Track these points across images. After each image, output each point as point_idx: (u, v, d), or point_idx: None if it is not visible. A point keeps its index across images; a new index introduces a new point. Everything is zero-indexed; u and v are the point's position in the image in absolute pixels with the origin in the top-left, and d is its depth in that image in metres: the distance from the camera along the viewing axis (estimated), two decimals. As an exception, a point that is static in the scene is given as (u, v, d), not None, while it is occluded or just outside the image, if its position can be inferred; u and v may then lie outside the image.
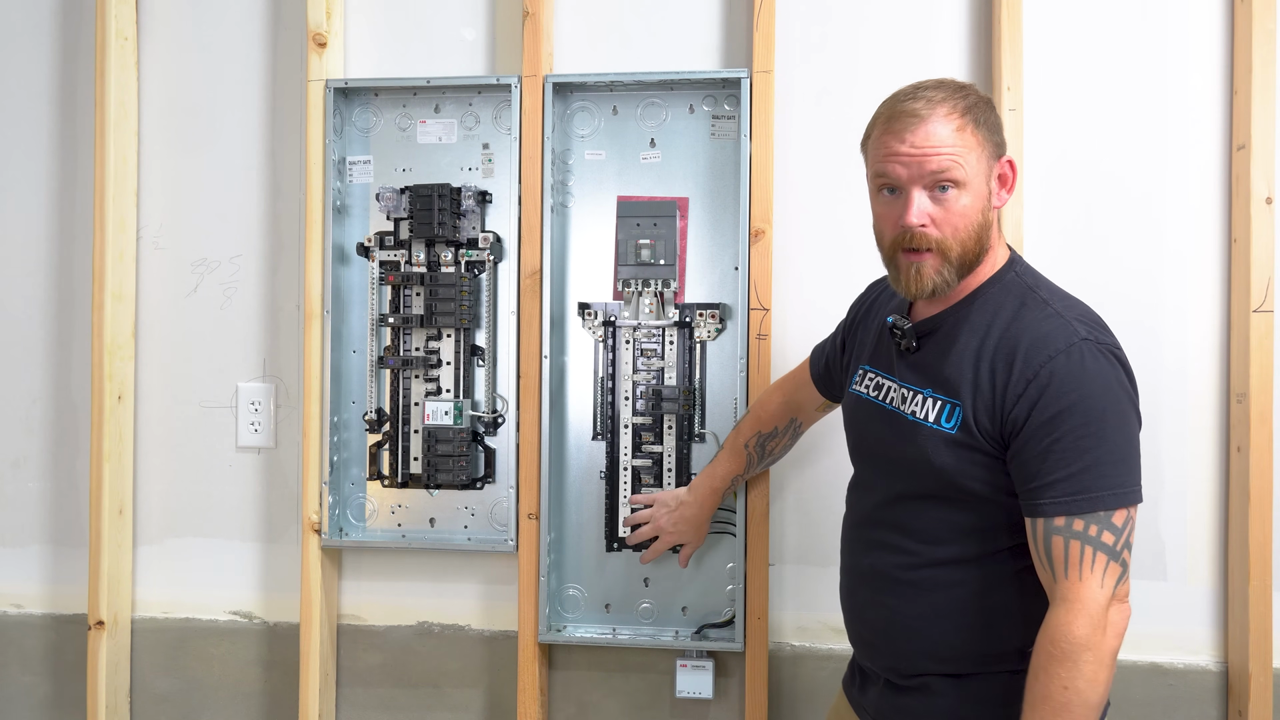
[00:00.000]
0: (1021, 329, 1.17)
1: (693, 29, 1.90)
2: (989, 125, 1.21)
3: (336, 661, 1.97)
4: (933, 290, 1.20)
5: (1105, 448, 1.12)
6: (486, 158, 1.93)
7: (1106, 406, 1.13)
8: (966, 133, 1.18)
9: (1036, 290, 1.22)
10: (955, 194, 1.17)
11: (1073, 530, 1.11)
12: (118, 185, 1.95)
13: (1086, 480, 1.11)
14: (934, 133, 1.16)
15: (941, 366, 1.23)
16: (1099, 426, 1.12)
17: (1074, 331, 1.15)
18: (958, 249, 1.18)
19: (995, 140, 1.22)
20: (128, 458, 1.98)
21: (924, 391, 1.23)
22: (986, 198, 1.20)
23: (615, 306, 1.88)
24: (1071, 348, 1.14)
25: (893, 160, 1.19)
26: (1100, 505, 1.11)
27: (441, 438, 1.88)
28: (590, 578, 1.90)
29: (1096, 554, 1.11)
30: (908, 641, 1.26)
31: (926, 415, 1.22)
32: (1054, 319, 1.17)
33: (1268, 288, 1.72)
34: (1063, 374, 1.13)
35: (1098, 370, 1.13)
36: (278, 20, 2.00)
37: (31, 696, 2.05)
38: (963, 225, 1.18)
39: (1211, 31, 1.80)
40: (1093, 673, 1.10)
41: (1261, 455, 1.71)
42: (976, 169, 1.18)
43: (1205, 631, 1.79)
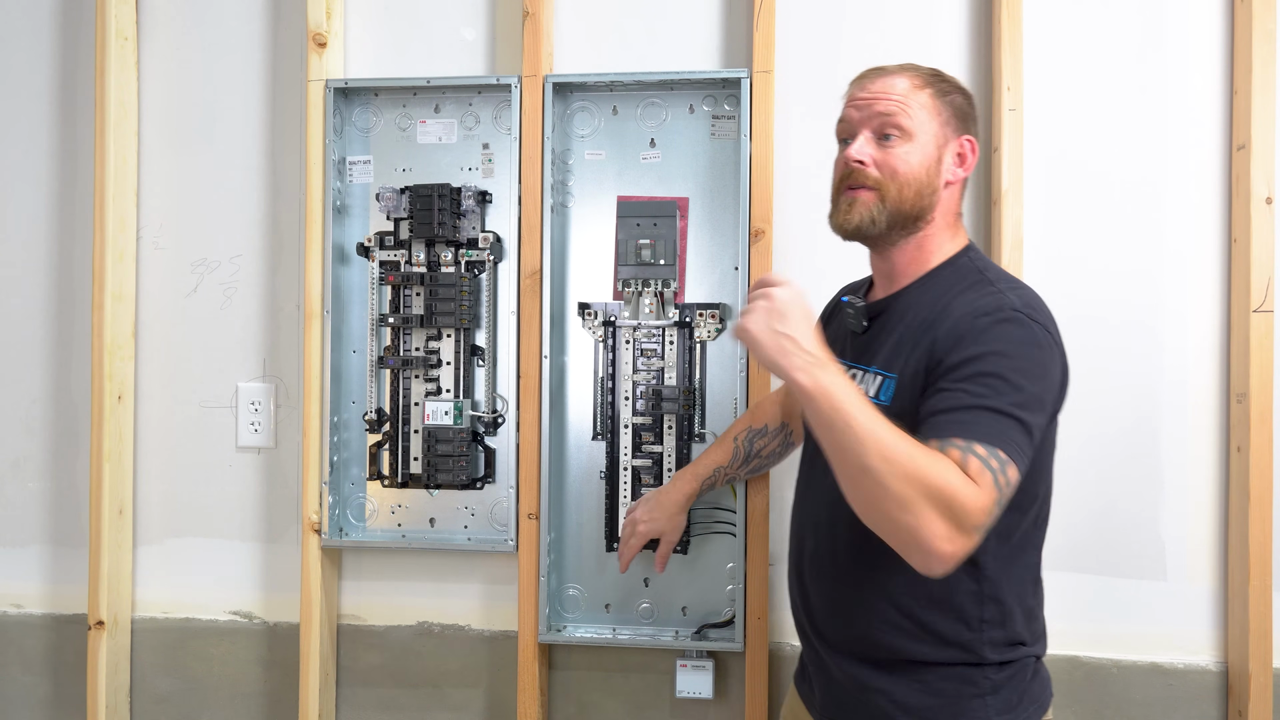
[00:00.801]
0: (962, 303, 1.19)
1: (693, 29, 1.90)
2: (953, 103, 1.28)
3: (336, 661, 1.97)
4: (857, 225, 1.24)
5: (1006, 400, 1.08)
6: (486, 158, 1.93)
7: (1015, 367, 1.10)
8: (923, 93, 1.25)
9: (985, 272, 1.25)
10: (899, 143, 1.23)
11: (974, 451, 1.04)
12: (118, 185, 1.95)
13: (983, 418, 1.07)
14: (891, 82, 1.25)
15: (885, 344, 1.25)
16: (1002, 382, 1.09)
17: (1008, 301, 1.17)
18: (894, 192, 1.23)
19: (958, 117, 1.28)
20: (128, 458, 1.98)
21: (869, 370, 1.25)
22: (935, 161, 1.25)
23: (615, 306, 1.88)
24: (1000, 311, 1.15)
25: (850, 104, 1.28)
26: (998, 444, 1.05)
27: (441, 438, 1.88)
28: (590, 578, 1.90)
29: (994, 487, 1.03)
30: (843, 627, 1.26)
31: (868, 391, 1.23)
32: (994, 295, 1.19)
33: (1268, 288, 1.72)
34: (982, 328, 1.13)
35: (1020, 335, 1.13)
36: (278, 20, 2.00)
37: (31, 696, 2.05)
38: (902, 171, 1.23)
39: (1211, 31, 1.80)
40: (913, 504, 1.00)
41: (1261, 455, 1.71)
42: (926, 127, 1.24)
43: (1205, 631, 1.79)
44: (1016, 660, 1.23)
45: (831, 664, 1.29)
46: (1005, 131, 1.75)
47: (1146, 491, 1.80)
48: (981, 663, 1.21)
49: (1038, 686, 1.27)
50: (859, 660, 1.25)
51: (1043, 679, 1.28)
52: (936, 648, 1.21)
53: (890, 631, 1.22)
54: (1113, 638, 1.81)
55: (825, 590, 1.29)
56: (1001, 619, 1.21)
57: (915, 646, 1.22)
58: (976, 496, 1.01)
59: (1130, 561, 1.80)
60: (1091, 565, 1.80)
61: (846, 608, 1.26)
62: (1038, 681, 1.27)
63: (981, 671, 1.21)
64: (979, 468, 1.03)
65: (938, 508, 1.00)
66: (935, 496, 1.00)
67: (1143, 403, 1.80)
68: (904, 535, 1.02)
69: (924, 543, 1.01)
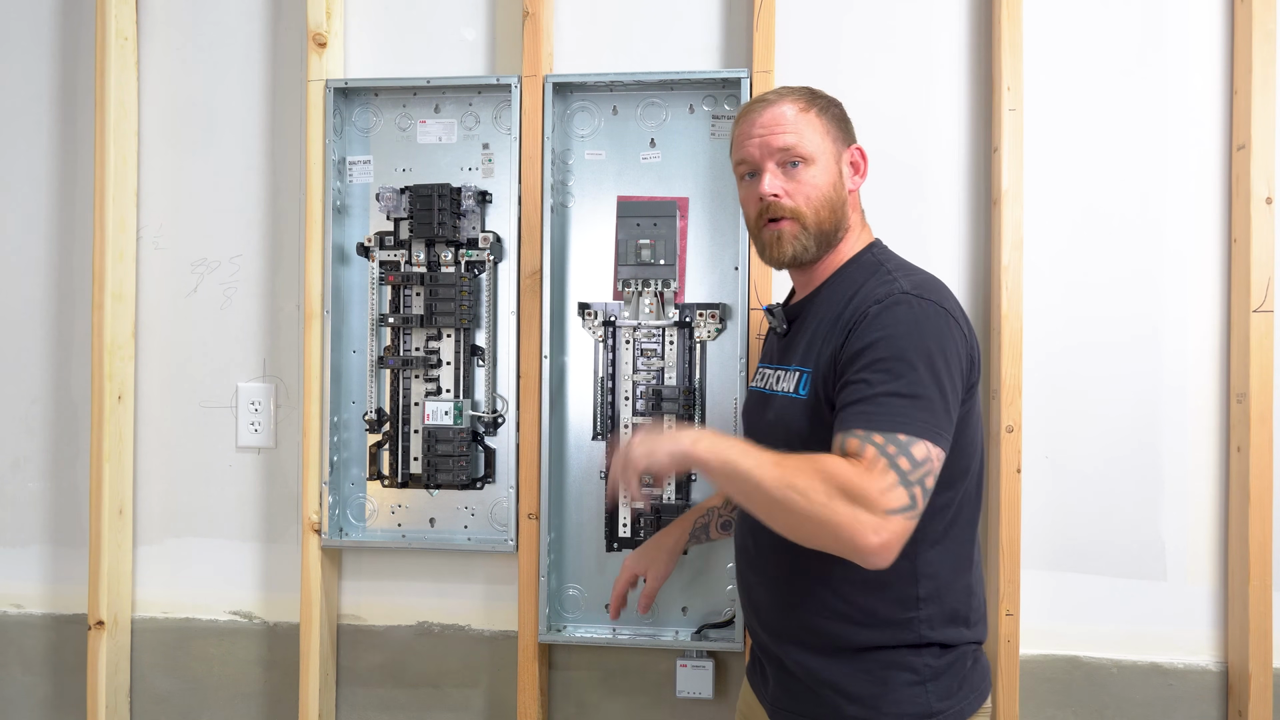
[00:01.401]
0: (861, 294, 1.25)
1: (693, 29, 1.90)
2: (834, 116, 1.35)
3: (336, 661, 1.97)
4: (792, 255, 1.31)
5: (903, 381, 1.13)
6: (486, 158, 1.93)
7: (910, 346, 1.16)
8: (810, 114, 1.32)
9: (885, 263, 1.31)
10: (804, 168, 1.30)
11: (871, 440, 1.10)
12: (118, 185, 1.95)
13: (883, 404, 1.12)
14: (780, 113, 1.31)
15: (800, 343, 1.31)
16: (898, 363, 1.14)
17: (897, 285, 1.23)
18: (812, 216, 1.30)
19: (843, 129, 1.36)
20: (128, 458, 1.98)
21: (789, 368, 1.31)
22: (838, 176, 1.32)
23: (615, 306, 1.88)
24: (889, 297, 1.21)
25: (747, 143, 1.33)
26: (898, 429, 1.10)
27: (441, 438, 1.88)
28: (590, 578, 1.90)
29: (890, 469, 1.08)
30: (787, 616, 1.30)
31: (787, 388, 1.29)
32: (887, 282, 1.25)
33: (1268, 288, 1.72)
34: (873, 316, 1.19)
35: (909, 316, 1.18)
36: (278, 20, 2.00)
37: (31, 696, 2.05)
38: (814, 195, 1.30)
39: (1211, 31, 1.80)
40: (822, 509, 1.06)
41: (1261, 455, 1.71)
42: (822, 148, 1.31)
43: (1205, 631, 1.79)
44: (957, 646, 1.27)
45: (781, 654, 1.32)
46: (1005, 131, 1.75)
47: (1146, 491, 1.80)
48: (921, 643, 1.24)
49: (977, 675, 1.30)
50: (805, 649, 1.29)
51: (982, 668, 1.32)
52: (878, 630, 1.24)
53: (832, 618, 1.26)
54: (1113, 638, 1.81)
55: (768, 583, 1.33)
56: (937, 594, 1.25)
57: (857, 631, 1.25)
58: (872, 482, 1.07)
59: (1130, 561, 1.80)
60: (1091, 565, 1.80)
61: (789, 598, 1.29)
62: (977, 670, 1.30)
63: (921, 657, 1.24)
64: (873, 454, 1.09)
65: (842, 499, 1.06)
66: (836, 495, 1.06)
67: (1143, 403, 1.80)
68: (831, 540, 1.08)
69: (850, 538, 1.06)
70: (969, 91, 1.83)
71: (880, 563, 1.08)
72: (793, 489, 1.07)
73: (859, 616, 1.25)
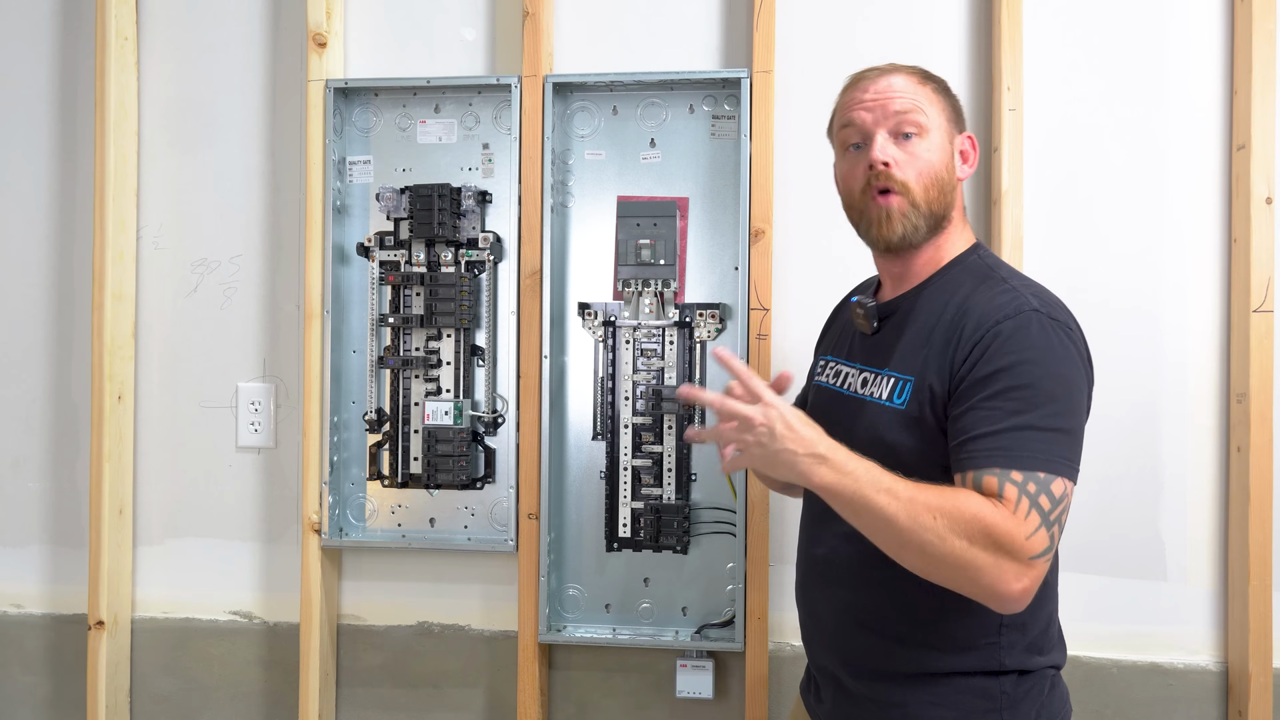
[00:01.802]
0: (975, 302, 1.16)
1: (692, 29, 1.90)
2: (949, 96, 1.26)
3: (336, 661, 1.97)
4: (902, 235, 1.20)
5: (1040, 413, 1.07)
6: (486, 158, 1.93)
7: (1047, 374, 1.09)
8: (927, 89, 1.22)
9: (996, 270, 1.22)
10: (918, 141, 1.20)
11: (1010, 478, 1.04)
12: (118, 185, 1.95)
13: (1020, 438, 1.06)
14: (895, 82, 1.21)
15: (897, 345, 1.22)
16: (1035, 392, 1.07)
17: (1025, 302, 1.14)
18: (922, 194, 1.19)
19: (956, 111, 1.26)
20: (128, 458, 1.98)
21: (881, 371, 1.22)
22: (951, 157, 1.23)
23: (615, 306, 1.88)
24: (1020, 314, 1.12)
25: (857, 107, 1.22)
26: (1038, 466, 1.04)
27: (441, 438, 1.88)
28: (590, 578, 1.90)
29: (1032, 510, 1.03)
30: (857, 637, 1.23)
31: (880, 394, 1.20)
32: (1008, 292, 1.16)
33: (1268, 288, 1.72)
34: (1006, 335, 1.10)
35: (1043, 339, 1.10)
36: (278, 20, 2.00)
37: (31, 696, 2.05)
38: (926, 170, 1.19)
39: (1211, 32, 1.80)
40: (964, 553, 1.01)
41: (1261, 455, 1.71)
42: (938, 123, 1.22)
43: (1205, 631, 1.79)
44: (1034, 672, 1.20)
45: (840, 674, 1.26)
46: (1005, 131, 1.75)
47: (1146, 491, 1.80)
48: (999, 671, 1.18)
49: (1056, 701, 1.22)
50: (874, 673, 1.22)
51: (1061, 694, 1.24)
52: (956, 656, 1.18)
53: (909, 642, 1.19)
54: (1113, 638, 1.81)
55: (840, 602, 1.25)
56: (1023, 623, 1.18)
57: (934, 657, 1.18)
58: (1017, 526, 1.02)
59: (1130, 561, 1.80)
60: (1091, 565, 1.80)
61: (860, 616, 1.22)
62: (1056, 696, 1.22)
63: (998, 683, 1.17)
64: (1014, 495, 1.03)
65: (986, 549, 1.01)
66: (979, 540, 1.01)
67: (1143, 402, 1.80)
68: (969, 584, 1.03)
69: (990, 588, 1.02)
70: (969, 91, 1.83)
71: (1018, 608, 1.04)
72: (931, 531, 1.01)
73: (936, 640, 1.17)
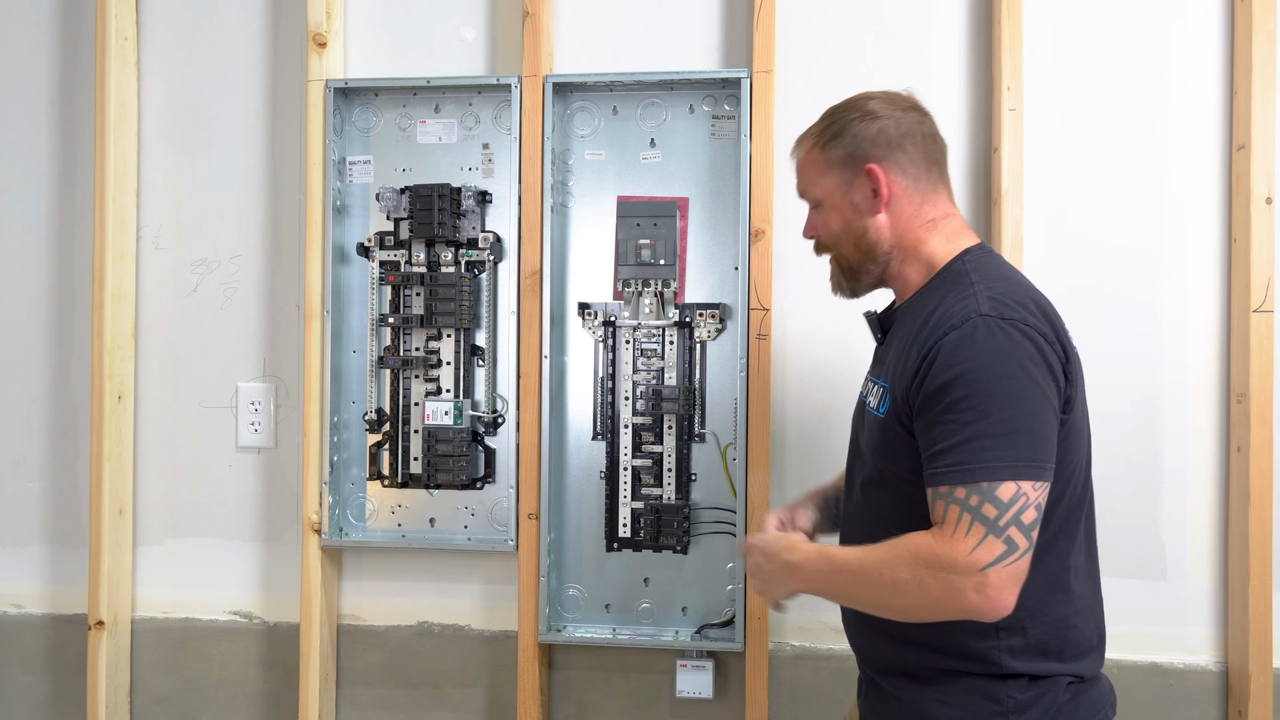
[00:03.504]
0: (941, 311, 1.18)
1: (692, 29, 1.90)
2: (839, 146, 1.29)
3: (336, 661, 1.97)
4: (836, 288, 1.36)
5: (989, 420, 1.09)
6: (486, 158, 1.93)
7: (992, 379, 1.10)
8: (815, 154, 1.32)
9: (970, 275, 1.22)
10: (818, 211, 1.33)
11: (954, 497, 1.09)
12: (118, 185, 1.95)
13: (967, 451, 1.09)
14: (798, 159, 1.36)
15: (886, 356, 1.28)
16: (982, 399, 1.10)
17: (974, 308, 1.15)
18: (838, 252, 1.33)
19: (848, 156, 1.28)
20: (128, 458, 1.98)
21: (879, 382, 1.28)
22: (849, 210, 1.29)
23: (615, 306, 1.88)
24: (966, 323, 1.13)
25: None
26: (981, 476, 1.08)
27: (441, 438, 1.88)
28: (590, 578, 1.90)
29: (974, 523, 1.07)
30: (873, 636, 1.28)
31: (875, 405, 1.27)
32: (966, 299, 1.17)
33: (1268, 288, 1.72)
34: (950, 347, 1.13)
35: (989, 344, 1.12)
36: (278, 20, 2.00)
37: (31, 696, 2.05)
38: (828, 235, 1.32)
39: (1211, 31, 1.80)
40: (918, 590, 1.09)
41: (1261, 455, 1.71)
42: (825, 186, 1.31)
43: (1205, 631, 1.79)
44: (1046, 678, 1.18)
45: (870, 672, 1.32)
46: (1005, 131, 1.75)
47: (1146, 491, 1.80)
48: (1003, 675, 1.17)
49: (1081, 710, 1.20)
50: (891, 669, 1.26)
51: (1088, 701, 1.21)
52: (957, 657, 1.19)
53: (915, 642, 1.22)
54: (1113, 638, 1.77)
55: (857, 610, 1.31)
56: (1019, 625, 1.17)
57: (939, 657, 1.21)
58: (954, 545, 1.07)
59: (1130, 561, 1.80)
60: (1091, 565, 1.80)
61: (875, 620, 1.24)
62: (1079, 705, 1.20)
63: (1004, 687, 1.17)
64: (955, 514, 1.09)
65: (931, 575, 1.08)
66: (919, 570, 1.09)
67: (1143, 403, 1.80)
68: (941, 613, 1.10)
69: (955, 605, 1.08)
70: (969, 91, 1.83)
71: (994, 614, 1.08)
72: (888, 584, 1.11)
73: (938, 642, 1.20)
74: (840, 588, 1.19)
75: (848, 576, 1.16)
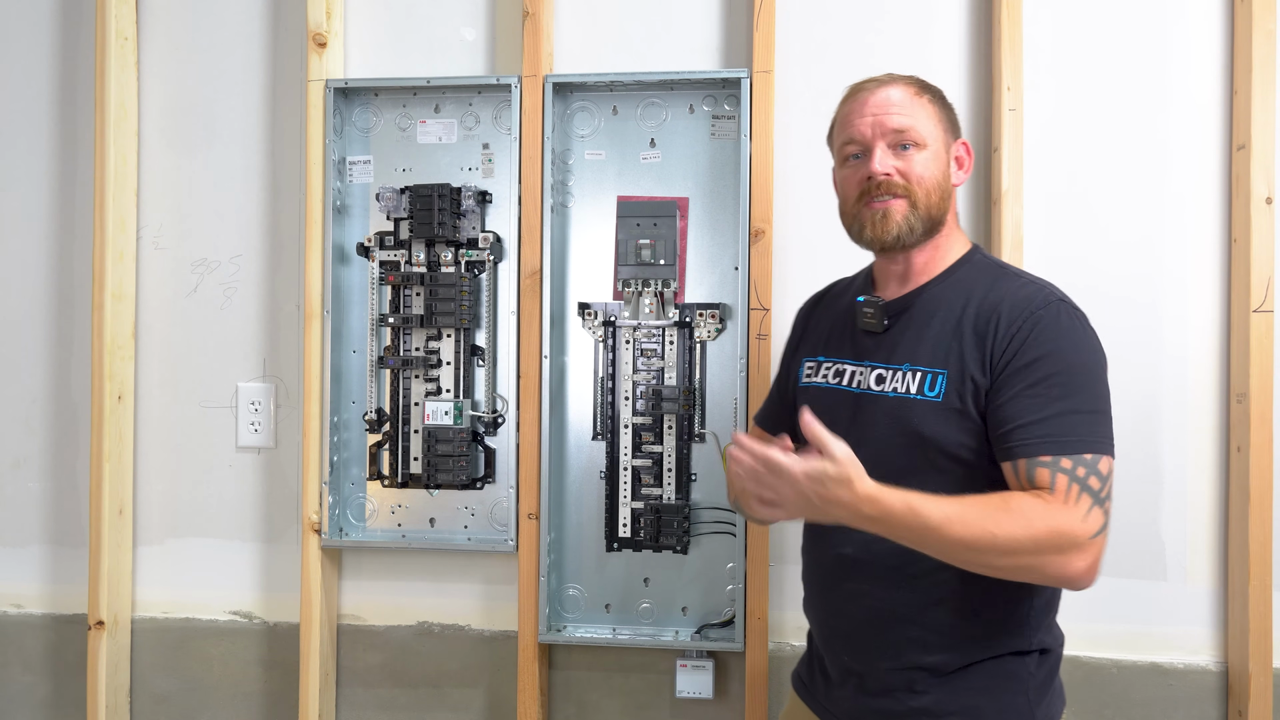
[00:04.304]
0: (1001, 295, 1.22)
1: (692, 29, 1.90)
2: (944, 105, 1.32)
3: (336, 661, 1.97)
4: (897, 235, 1.26)
5: (1081, 397, 1.15)
6: (486, 158, 1.93)
7: (1081, 360, 1.17)
8: (924, 100, 1.29)
9: (1006, 268, 1.30)
10: (915, 152, 1.26)
11: (1060, 466, 1.12)
12: (118, 185, 1.95)
13: (1066, 424, 1.13)
14: (892, 96, 1.27)
15: (919, 342, 1.25)
16: (1073, 376, 1.16)
17: (1052, 293, 1.22)
18: (923, 198, 1.26)
19: (951, 119, 1.33)
20: (128, 458, 1.98)
21: (901, 368, 1.25)
22: (947, 165, 1.29)
23: (615, 306, 1.88)
24: (1049, 305, 1.19)
25: (857, 121, 1.28)
26: (1083, 448, 1.12)
27: (441, 438, 1.88)
28: (590, 578, 1.90)
29: (1082, 493, 1.11)
30: (893, 631, 1.24)
31: (908, 389, 1.23)
32: (1032, 284, 1.24)
33: (1268, 288, 1.72)
34: (1043, 325, 1.17)
35: (1073, 327, 1.19)
36: (278, 20, 2.00)
37: (31, 696, 2.05)
38: (927, 178, 1.26)
39: (1211, 31, 1.80)
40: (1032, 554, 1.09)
41: (1261, 455, 1.71)
42: (934, 134, 1.28)
43: (1205, 631, 1.79)
44: (1051, 651, 1.26)
45: (873, 672, 1.26)
46: (1005, 131, 1.75)
47: (1146, 491, 1.80)
48: (1026, 651, 1.23)
49: (1059, 684, 1.29)
50: (908, 666, 1.23)
51: (1059, 679, 1.30)
52: (993, 640, 1.22)
53: (948, 631, 1.21)
54: (1113, 638, 1.81)
55: (874, 599, 1.25)
56: (1047, 602, 1.25)
57: (969, 644, 1.21)
58: (1073, 516, 1.09)
59: (1130, 561, 1.80)
60: (1091, 565, 1.80)
61: (903, 614, 1.23)
62: (1058, 680, 1.29)
63: (1024, 664, 1.23)
64: (1065, 483, 1.11)
65: (1050, 549, 1.08)
66: (1037, 535, 1.08)
67: (1143, 403, 1.80)
68: (1039, 578, 1.12)
69: (1058, 576, 1.10)
70: (969, 91, 1.83)
71: (1089, 583, 1.11)
72: (992, 540, 1.08)
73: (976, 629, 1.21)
74: (935, 544, 1.10)
75: (948, 533, 1.08)
